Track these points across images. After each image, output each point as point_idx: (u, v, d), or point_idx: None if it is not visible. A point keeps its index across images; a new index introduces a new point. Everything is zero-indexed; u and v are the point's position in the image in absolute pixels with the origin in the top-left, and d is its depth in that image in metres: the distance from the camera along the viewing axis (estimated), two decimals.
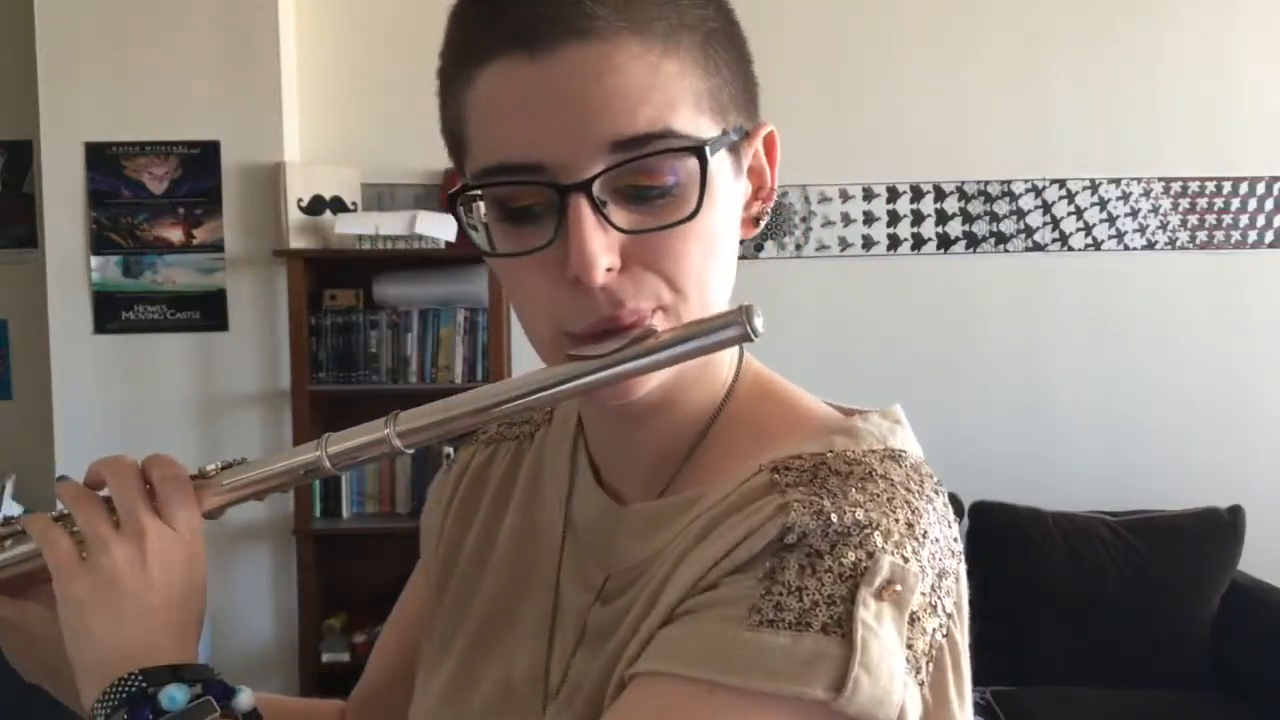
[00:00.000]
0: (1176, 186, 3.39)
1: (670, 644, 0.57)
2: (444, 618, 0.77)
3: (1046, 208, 3.38)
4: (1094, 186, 3.37)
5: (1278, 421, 3.42)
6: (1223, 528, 2.96)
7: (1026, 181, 3.36)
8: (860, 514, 0.56)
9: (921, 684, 0.56)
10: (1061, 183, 3.37)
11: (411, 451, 0.64)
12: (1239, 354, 3.42)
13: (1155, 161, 3.37)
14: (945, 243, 3.36)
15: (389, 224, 3.01)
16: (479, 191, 0.60)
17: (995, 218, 3.37)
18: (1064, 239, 3.38)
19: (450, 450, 0.86)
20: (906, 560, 0.56)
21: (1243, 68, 3.38)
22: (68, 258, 3.10)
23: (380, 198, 3.25)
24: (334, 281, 3.17)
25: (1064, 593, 2.93)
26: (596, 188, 0.56)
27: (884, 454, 0.61)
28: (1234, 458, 3.38)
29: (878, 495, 0.58)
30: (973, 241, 3.36)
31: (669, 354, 0.59)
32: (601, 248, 0.56)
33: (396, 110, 3.25)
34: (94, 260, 3.10)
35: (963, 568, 0.61)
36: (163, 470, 0.66)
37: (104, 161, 3.08)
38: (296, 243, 3.06)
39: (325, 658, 3.05)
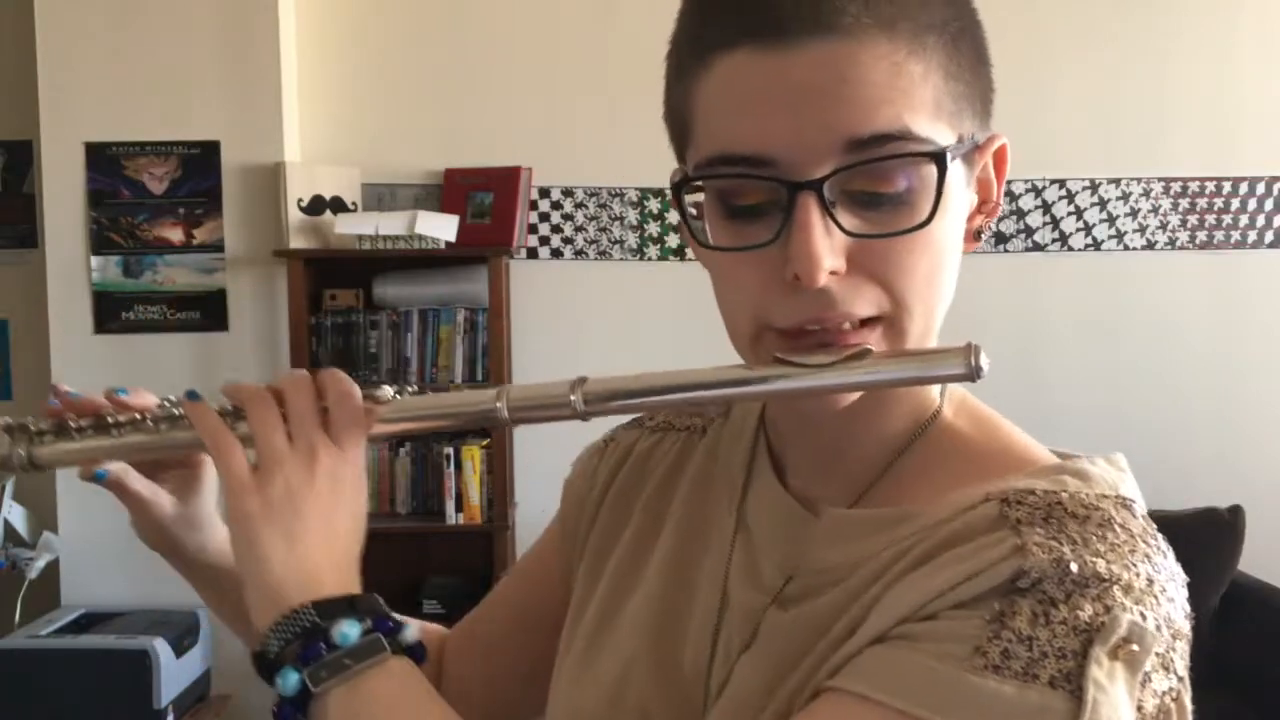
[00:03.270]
0: (1176, 186, 3.39)
1: (880, 668, 0.55)
2: (599, 605, 0.74)
3: (1046, 208, 3.38)
4: (1094, 186, 3.37)
5: (1278, 421, 3.42)
6: (1223, 528, 2.96)
7: (1026, 181, 3.36)
8: (1101, 565, 0.54)
9: None
10: (1061, 183, 3.37)
11: (589, 420, 0.62)
12: (1239, 354, 3.42)
13: (1155, 161, 3.37)
14: None
15: (389, 224, 3.01)
16: (701, 181, 0.58)
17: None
18: (1064, 239, 3.38)
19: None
20: (1145, 618, 0.53)
21: (1243, 68, 3.38)
22: (68, 258, 3.10)
23: (380, 198, 3.25)
24: (334, 281, 3.17)
25: None
26: (827, 188, 0.55)
27: (1117, 501, 0.59)
28: (1234, 458, 3.38)
29: (1118, 546, 0.55)
30: None
31: (883, 378, 0.57)
32: (827, 249, 0.55)
33: (396, 110, 3.25)
34: (94, 260, 3.10)
35: (1189, 627, 0.58)
36: (338, 388, 0.64)
37: (104, 161, 3.08)
38: (296, 243, 3.06)
39: None
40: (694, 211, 0.60)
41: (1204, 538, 2.96)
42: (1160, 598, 0.55)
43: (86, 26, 3.04)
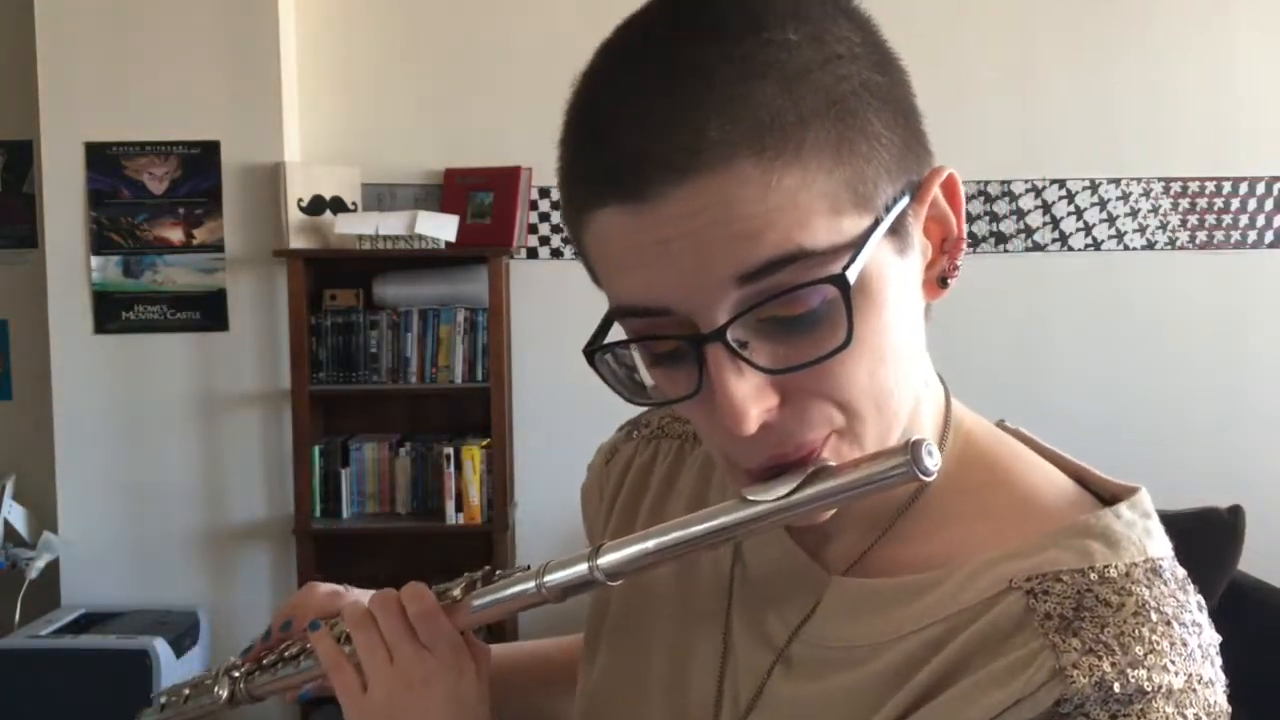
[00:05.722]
0: (1176, 186, 3.39)
1: None
2: (614, 621, 0.76)
3: (1046, 208, 3.38)
4: (1094, 186, 3.37)
5: (1278, 421, 3.42)
6: (1223, 528, 2.96)
7: (1026, 181, 3.36)
8: (1143, 676, 0.52)
9: None
10: (1061, 183, 3.37)
11: (615, 581, 0.64)
12: (1239, 354, 3.42)
13: (1155, 161, 3.37)
14: None
15: (389, 224, 3.01)
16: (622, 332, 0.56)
17: (995, 218, 3.37)
18: (1064, 239, 3.38)
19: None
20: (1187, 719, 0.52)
21: (1242, 68, 3.38)
22: (68, 258, 3.10)
23: (380, 198, 3.25)
24: (334, 281, 3.17)
25: None
26: (732, 332, 0.51)
27: (1147, 570, 0.56)
28: (1234, 458, 3.38)
29: (1156, 644, 0.53)
30: (973, 241, 3.36)
31: (839, 498, 0.55)
32: (749, 396, 0.52)
33: (396, 110, 3.25)
34: (94, 260, 3.10)
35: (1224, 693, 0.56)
36: (415, 606, 0.70)
37: (104, 161, 3.08)
38: (296, 243, 3.06)
39: None
40: (629, 362, 0.58)
41: (1204, 538, 2.96)
42: (1200, 688, 0.53)
43: (86, 26, 3.04)
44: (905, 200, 0.54)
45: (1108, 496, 0.62)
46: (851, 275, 0.50)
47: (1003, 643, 0.54)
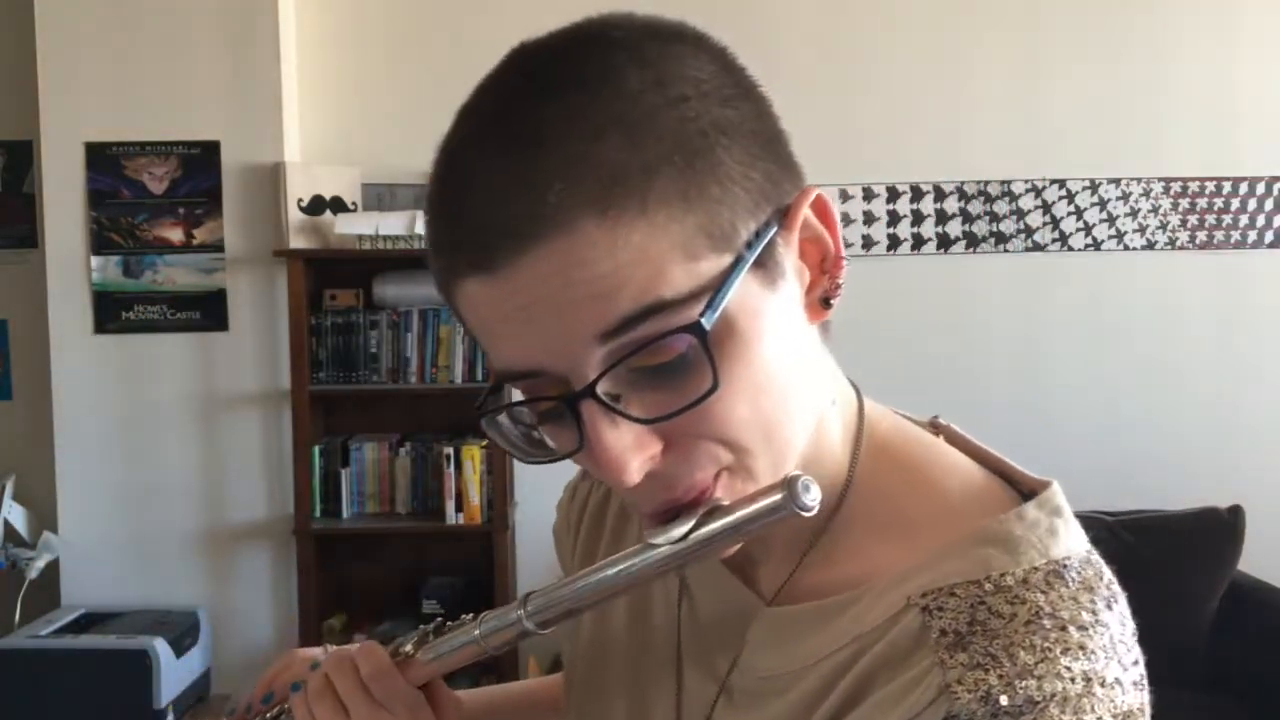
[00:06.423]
0: (1176, 186, 3.39)
1: None
2: (579, 674, 0.77)
3: (1046, 208, 3.38)
4: (1094, 186, 3.37)
5: (1278, 421, 3.42)
6: (1223, 528, 2.96)
7: (1026, 181, 3.36)
8: (1032, 687, 0.51)
9: None
10: (1061, 183, 3.37)
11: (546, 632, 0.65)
12: (1239, 354, 3.42)
13: (1155, 161, 3.37)
14: (945, 243, 3.36)
15: (389, 224, 3.01)
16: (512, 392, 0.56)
17: (995, 218, 3.37)
18: (1064, 239, 3.38)
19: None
20: None
21: (1243, 68, 3.38)
22: (68, 258, 3.10)
23: (380, 198, 3.25)
24: (334, 281, 3.17)
25: None
26: (603, 386, 0.51)
27: (1047, 573, 0.55)
28: (1234, 458, 3.38)
29: (1049, 650, 0.52)
30: (973, 241, 3.36)
31: (730, 537, 0.55)
32: (628, 448, 0.52)
33: (396, 110, 3.25)
34: (94, 260, 3.10)
35: (1145, 690, 0.55)
36: (367, 666, 0.69)
37: (104, 161, 3.08)
38: (296, 243, 3.06)
39: None
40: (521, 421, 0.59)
41: (1204, 538, 2.96)
42: (1101, 691, 0.52)
43: (86, 26, 3.04)
44: (772, 230, 0.54)
45: (1027, 491, 0.61)
46: (709, 320, 0.50)
47: (901, 662, 0.54)
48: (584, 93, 0.51)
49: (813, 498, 0.52)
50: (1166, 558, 2.91)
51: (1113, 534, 2.98)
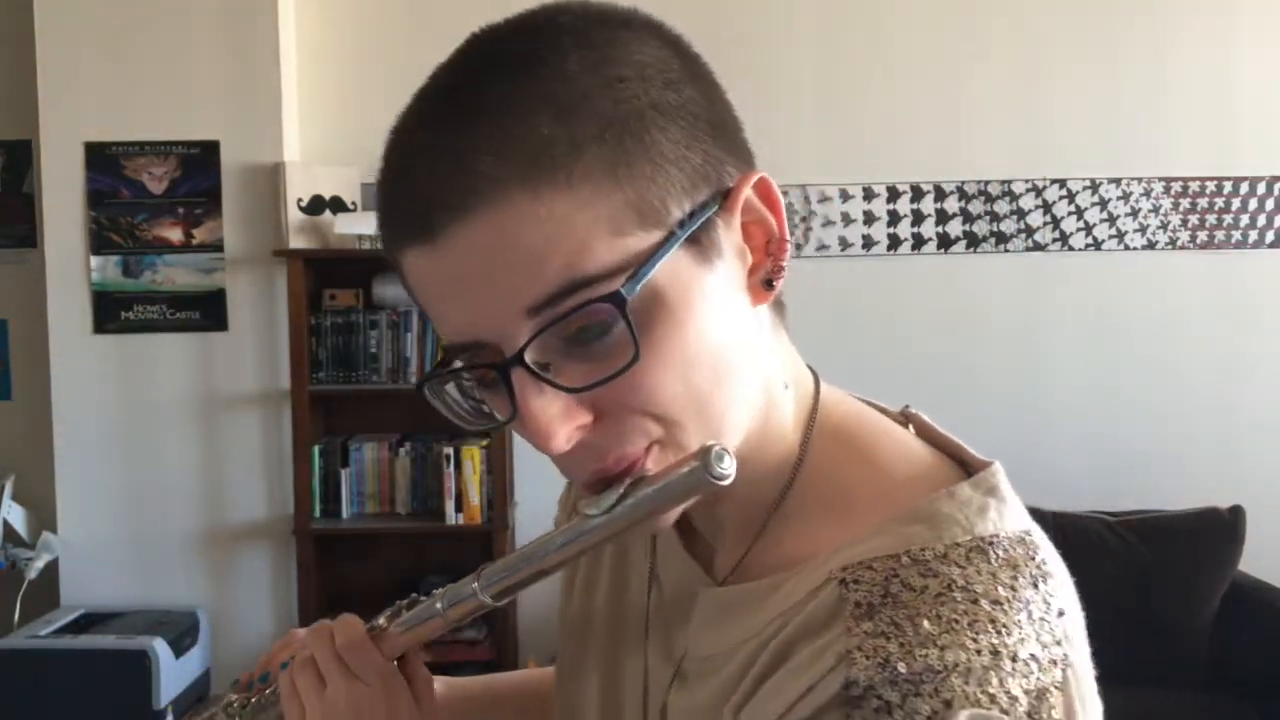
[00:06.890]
0: (1177, 186, 3.39)
1: None
2: (562, 658, 0.79)
3: (1046, 208, 3.38)
4: (1094, 186, 3.37)
5: (1278, 421, 3.42)
6: (1223, 528, 2.96)
7: (1026, 181, 3.36)
8: (933, 655, 0.50)
9: None
10: (1061, 183, 3.37)
11: (500, 603, 0.66)
12: (1239, 354, 3.42)
13: (1155, 161, 3.37)
14: (945, 243, 3.36)
15: None
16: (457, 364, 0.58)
17: (995, 218, 3.37)
18: (1064, 239, 3.38)
19: None
20: (993, 698, 0.49)
21: (1243, 68, 3.38)
22: (67, 258, 3.10)
23: None
24: (334, 281, 3.17)
25: None
26: (531, 354, 0.53)
27: (969, 549, 0.54)
28: (1234, 458, 3.38)
29: (955, 621, 0.51)
30: (973, 241, 3.36)
31: (653, 506, 0.55)
32: (556, 416, 0.53)
33: (396, 110, 3.22)
34: (94, 260, 3.10)
35: (1076, 667, 0.53)
36: (343, 637, 0.71)
37: (104, 161, 3.08)
38: (296, 243, 3.06)
39: None
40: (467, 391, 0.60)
41: (1204, 538, 2.96)
42: (1013, 665, 0.50)
43: (86, 26, 3.04)
44: (711, 210, 0.55)
45: (975, 474, 0.61)
46: (630, 291, 0.51)
47: (816, 634, 0.54)
48: (524, 74, 0.53)
49: (726, 467, 0.52)
50: (1167, 558, 2.91)
51: (1114, 534, 2.98)
